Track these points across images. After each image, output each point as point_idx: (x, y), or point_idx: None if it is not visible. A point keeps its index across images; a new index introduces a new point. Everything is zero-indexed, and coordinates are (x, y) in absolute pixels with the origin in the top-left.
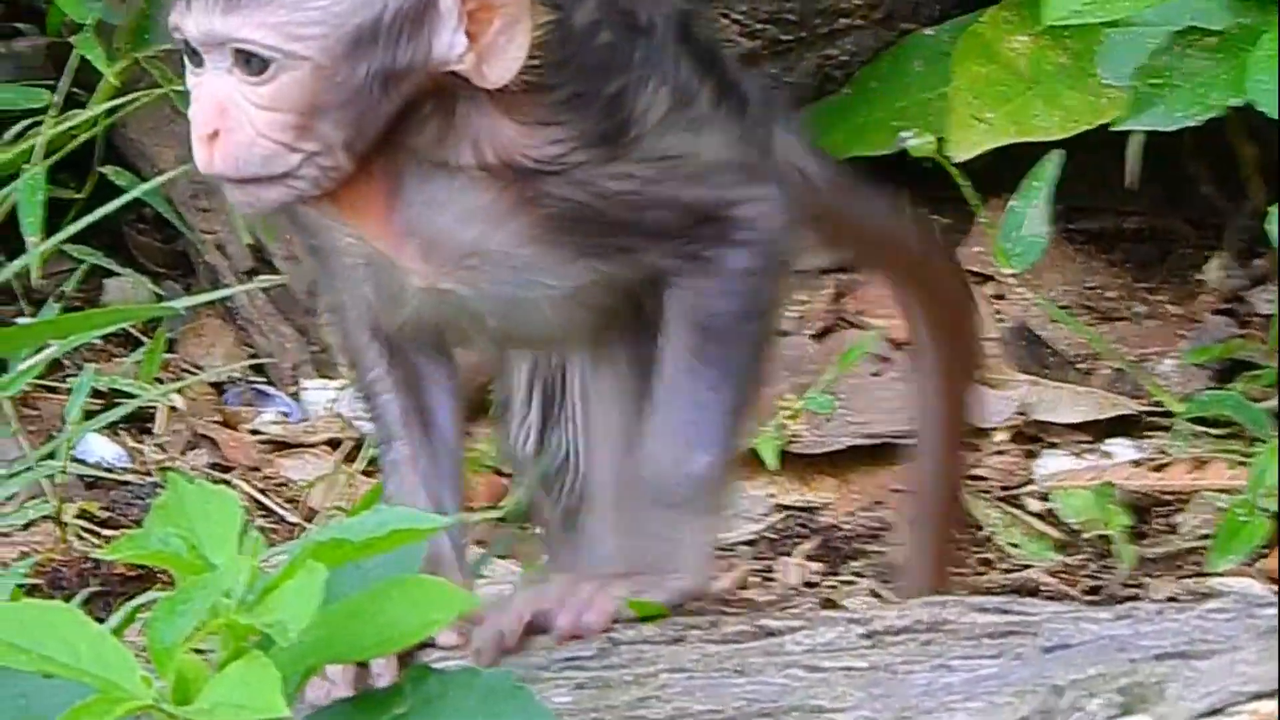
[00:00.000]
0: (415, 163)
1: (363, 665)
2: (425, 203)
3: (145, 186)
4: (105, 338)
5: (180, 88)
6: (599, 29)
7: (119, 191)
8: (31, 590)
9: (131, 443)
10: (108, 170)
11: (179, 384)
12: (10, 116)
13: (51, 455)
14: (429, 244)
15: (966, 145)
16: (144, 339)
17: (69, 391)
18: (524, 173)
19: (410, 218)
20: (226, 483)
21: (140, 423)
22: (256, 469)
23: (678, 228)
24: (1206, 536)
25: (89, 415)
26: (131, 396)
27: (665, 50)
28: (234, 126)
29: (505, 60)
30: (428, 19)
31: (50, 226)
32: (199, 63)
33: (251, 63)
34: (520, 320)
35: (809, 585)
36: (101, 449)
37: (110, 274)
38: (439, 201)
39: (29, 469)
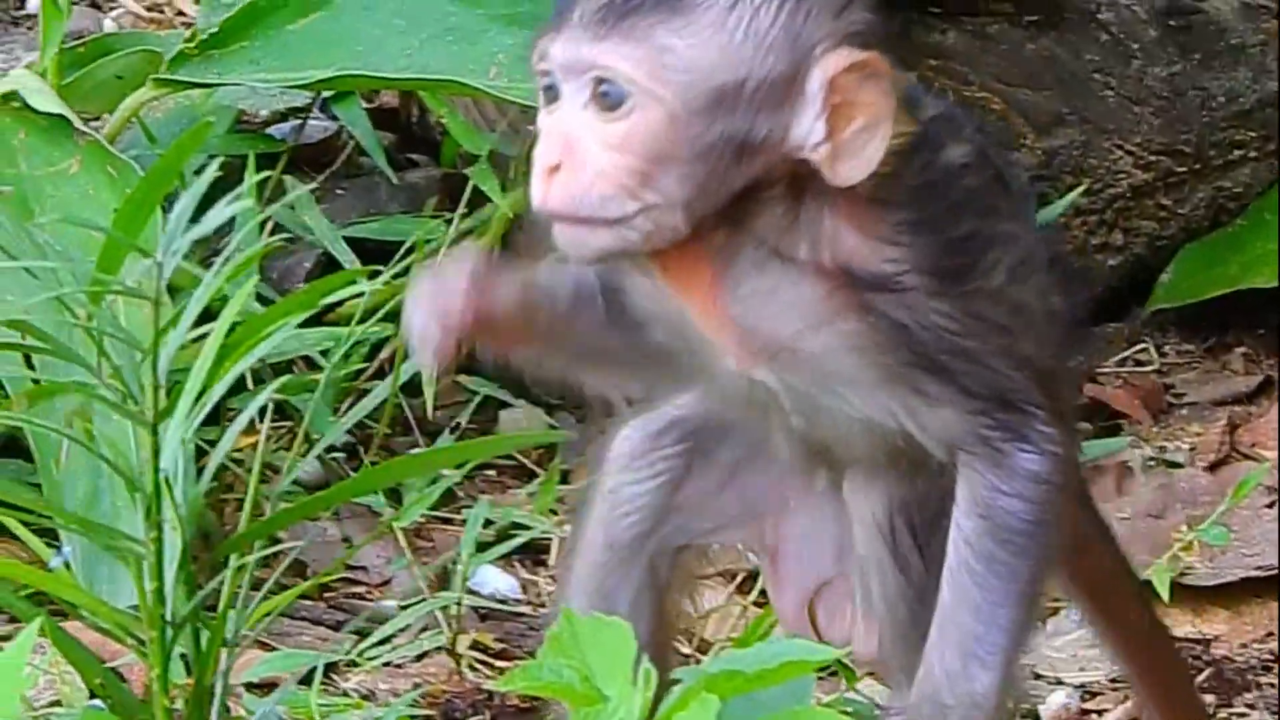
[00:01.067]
0: (752, 247)
1: None
2: (754, 287)
3: None
4: (500, 470)
5: None
6: (967, 172)
7: None
8: None
9: (525, 574)
10: None
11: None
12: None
13: (446, 586)
14: (749, 330)
15: None
16: (538, 471)
17: (463, 523)
18: (856, 280)
19: (736, 300)
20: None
21: (534, 554)
22: None
23: (981, 396)
24: None
25: (483, 547)
26: (526, 528)
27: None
28: (577, 163)
29: (860, 160)
30: (791, 98)
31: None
32: (554, 97)
33: (609, 95)
34: (822, 429)
35: None
36: (496, 581)
37: (505, 405)
38: (767, 289)
39: (423, 600)
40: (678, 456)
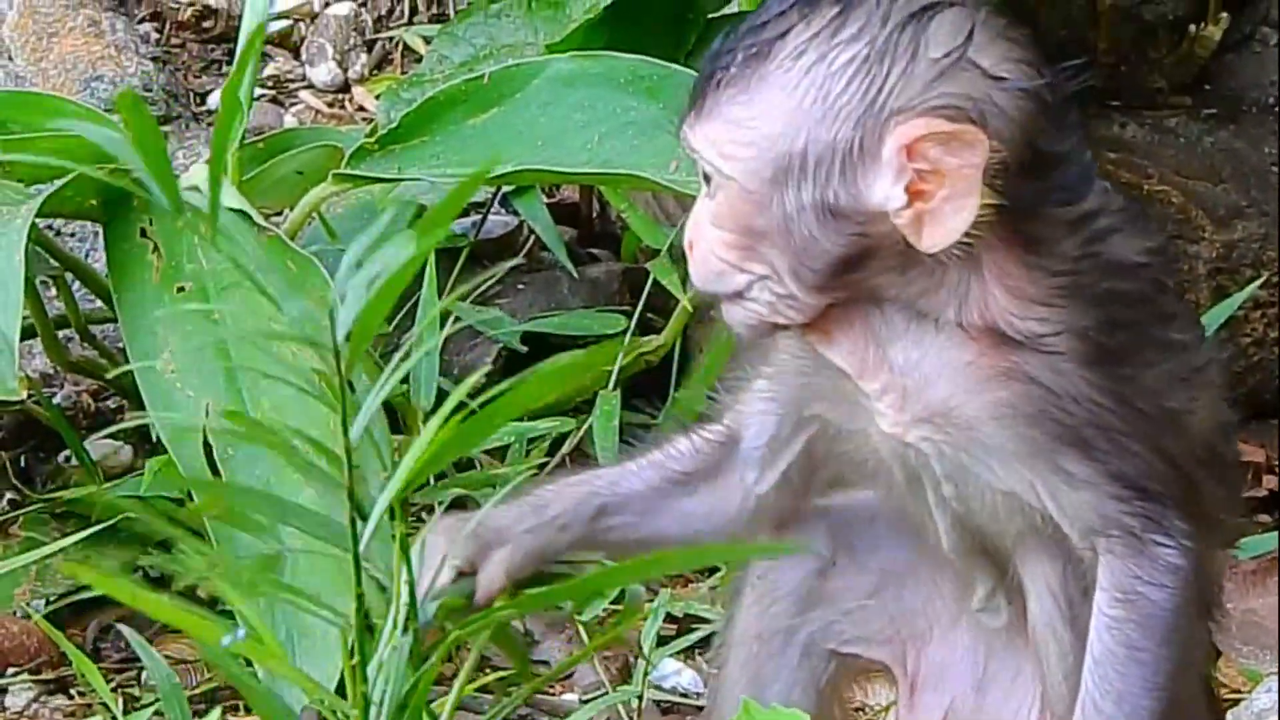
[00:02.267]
0: (901, 311)
1: None
2: (909, 352)
3: None
4: None
5: None
6: (1142, 269)
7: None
8: None
9: (707, 668)
10: (682, 394)
11: None
12: (586, 341)
13: (627, 680)
14: (906, 392)
15: None
16: (719, 564)
17: (645, 616)
18: (1006, 341)
19: (893, 364)
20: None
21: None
22: None
23: (1123, 480)
24: None
25: (665, 640)
26: (707, 621)
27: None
28: (698, 241)
29: (944, 228)
30: (863, 163)
31: (626, 451)
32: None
33: (706, 175)
34: (971, 500)
35: None
36: (677, 674)
37: None
38: (921, 352)
39: (605, 694)
40: (823, 543)
